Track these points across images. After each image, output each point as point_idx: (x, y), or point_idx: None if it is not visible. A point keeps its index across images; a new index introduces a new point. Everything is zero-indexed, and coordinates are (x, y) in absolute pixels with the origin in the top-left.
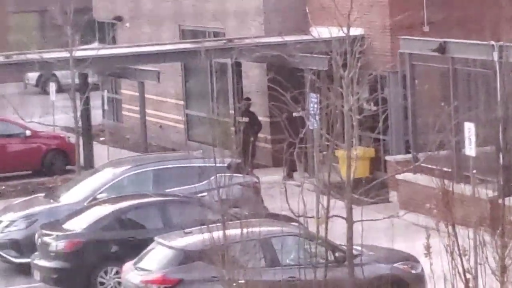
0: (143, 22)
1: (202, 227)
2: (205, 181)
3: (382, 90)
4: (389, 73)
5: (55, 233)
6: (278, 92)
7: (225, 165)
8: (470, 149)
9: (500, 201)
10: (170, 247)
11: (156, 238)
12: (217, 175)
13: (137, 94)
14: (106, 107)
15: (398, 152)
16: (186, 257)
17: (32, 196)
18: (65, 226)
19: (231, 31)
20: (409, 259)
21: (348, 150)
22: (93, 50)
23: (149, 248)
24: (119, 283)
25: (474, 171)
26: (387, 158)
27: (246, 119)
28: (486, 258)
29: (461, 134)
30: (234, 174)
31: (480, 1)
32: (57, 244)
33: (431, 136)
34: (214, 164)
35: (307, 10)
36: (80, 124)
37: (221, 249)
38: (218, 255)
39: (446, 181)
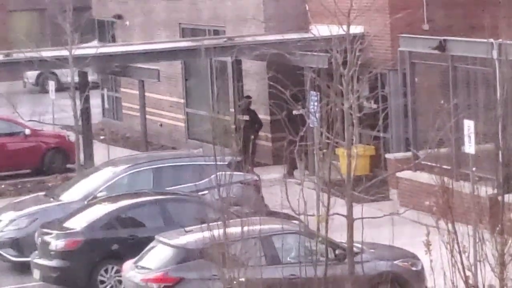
0: (143, 21)
1: (203, 225)
2: (206, 179)
3: (382, 88)
4: (389, 71)
5: (55, 232)
6: (278, 90)
7: (226, 163)
8: (470, 147)
9: (499, 198)
10: (171, 246)
11: (156, 236)
12: (218, 173)
13: (137, 92)
14: (106, 105)
15: (398, 150)
16: (186, 256)
17: (32, 195)
18: (65, 224)
19: (231, 29)
20: (409, 256)
21: (348, 148)
22: (93, 48)
23: (149, 246)
24: (120, 281)
25: (474, 168)
26: (387, 156)
27: (246, 117)
28: (486, 255)
29: (460, 132)
30: (235, 172)
31: None
32: (57, 243)
33: (431, 134)
34: (214, 162)
35: (307, 8)
36: (80, 122)
37: (222, 247)
38: (219, 253)
39: (445, 179)
